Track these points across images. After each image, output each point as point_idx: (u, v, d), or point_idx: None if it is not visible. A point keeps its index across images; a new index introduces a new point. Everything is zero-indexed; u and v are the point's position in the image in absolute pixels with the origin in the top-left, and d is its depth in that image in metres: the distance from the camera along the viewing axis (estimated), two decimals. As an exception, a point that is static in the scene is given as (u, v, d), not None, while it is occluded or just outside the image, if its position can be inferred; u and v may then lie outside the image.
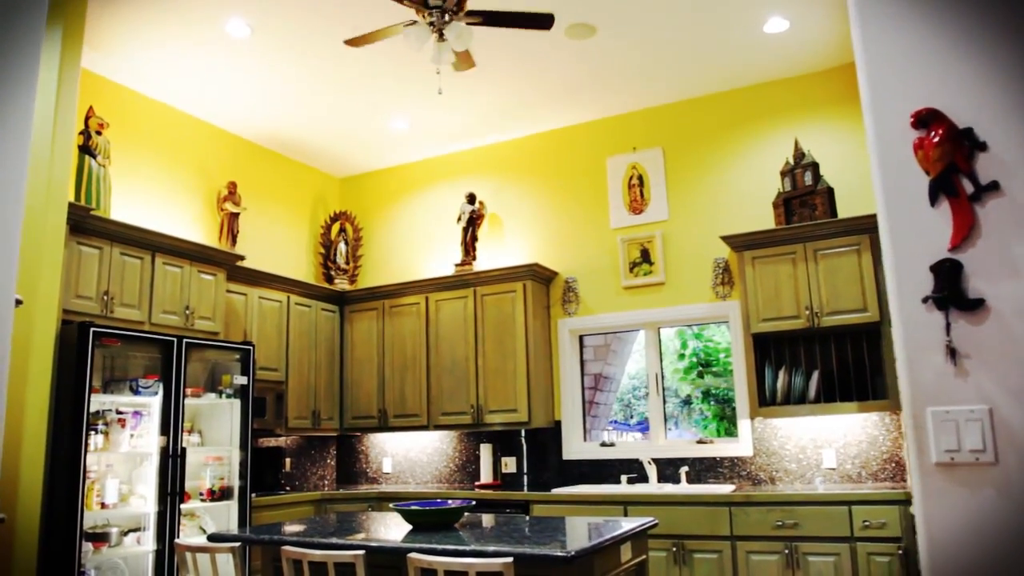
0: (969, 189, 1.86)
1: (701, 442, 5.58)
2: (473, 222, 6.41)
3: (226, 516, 5.20)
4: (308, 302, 6.40)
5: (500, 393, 5.86)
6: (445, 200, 6.83)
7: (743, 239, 5.19)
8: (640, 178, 5.99)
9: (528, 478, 6.08)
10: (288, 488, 6.25)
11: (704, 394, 7.45)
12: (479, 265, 6.38)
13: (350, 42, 4.22)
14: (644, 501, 4.94)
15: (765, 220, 5.42)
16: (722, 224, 5.58)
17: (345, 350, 6.67)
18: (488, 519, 3.80)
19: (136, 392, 4.66)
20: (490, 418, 5.88)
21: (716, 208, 5.70)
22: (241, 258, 5.65)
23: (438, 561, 2.62)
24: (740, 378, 5.42)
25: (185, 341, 4.89)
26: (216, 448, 5.28)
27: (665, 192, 5.89)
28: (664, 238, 5.83)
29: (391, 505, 3.63)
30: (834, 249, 4.94)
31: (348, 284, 6.93)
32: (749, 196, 5.58)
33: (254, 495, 5.38)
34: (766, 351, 5.18)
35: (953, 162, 1.87)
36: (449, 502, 3.62)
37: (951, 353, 1.83)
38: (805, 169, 5.22)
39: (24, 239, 4.00)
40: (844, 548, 4.39)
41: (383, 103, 5.88)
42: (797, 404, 4.95)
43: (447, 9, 3.87)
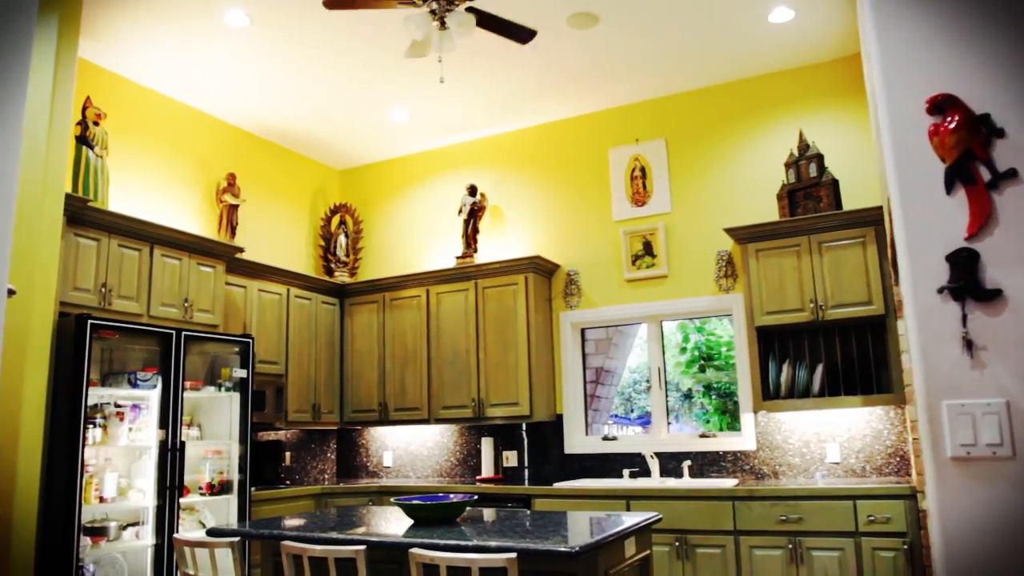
0: (986, 176, 1.82)
1: (704, 436, 5.54)
2: (474, 214, 6.36)
3: (225, 510, 5.16)
4: (308, 295, 6.35)
5: (501, 386, 5.82)
6: (446, 192, 6.78)
7: (747, 231, 5.14)
8: (643, 170, 5.94)
9: (529, 472, 6.05)
10: (288, 482, 6.22)
11: (706, 388, 7.42)
12: (480, 258, 6.33)
13: (328, 4, 4.03)
14: (646, 495, 4.90)
15: (769, 212, 5.37)
16: (725, 216, 5.53)
17: (345, 343, 6.63)
18: (490, 513, 3.76)
19: (135, 385, 4.62)
20: (491, 412, 5.84)
21: (719, 200, 5.65)
22: (240, 250, 5.60)
23: (440, 557, 2.58)
24: (743, 372, 5.37)
25: (184, 334, 4.85)
26: (215, 442, 5.24)
27: (668, 184, 5.84)
28: (667, 230, 5.79)
29: (392, 499, 3.59)
30: (839, 241, 4.89)
31: (348, 277, 6.89)
32: (753, 188, 5.53)
33: (254, 489, 5.35)
34: (770, 344, 5.13)
35: (970, 149, 1.83)
36: (451, 496, 3.58)
37: (967, 345, 1.78)
38: (810, 161, 5.17)
39: (20, 230, 3.97)
40: (849, 543, 4.35)
41: (383, 94, 5.82)
42: (801, 398, 4.91)
43: (449, -4, 3.81)
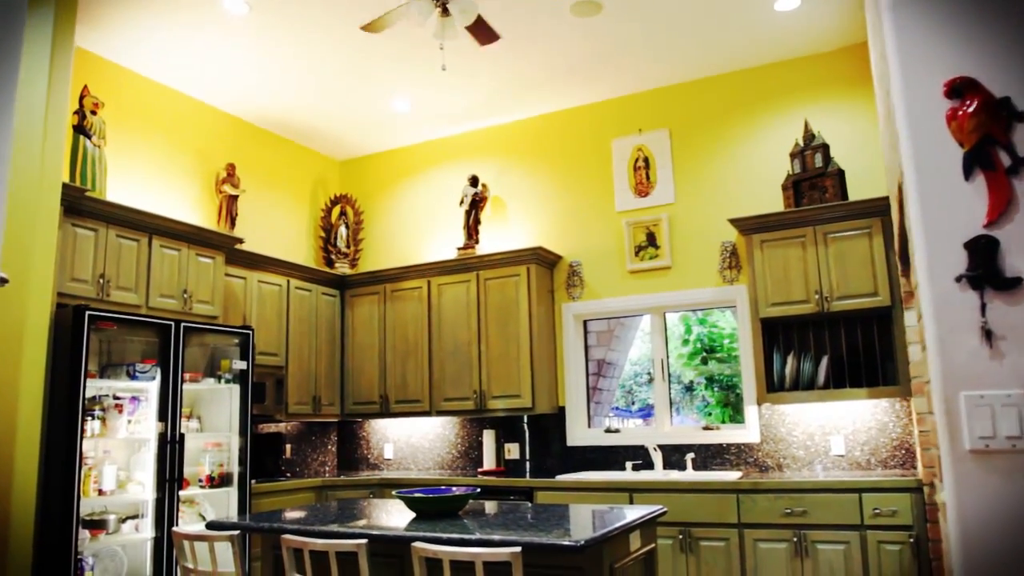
0: (1006, 162, 1.76)
1: (707, 428, 5.51)
2: (476, 205, 6.31)
3: (226, 503, 5.13)
4: (308, 286, 6.31)
5: (503, 378, 5.77)
6: (447, 183, 6.72)
7: (751, 222, 5.09)
8: (646, 160, 5.88)
9: (531, 464, 6.01)
10: (288, 474, 6.18)
11: (708, 380, 7.37)
12: (482, 249, 6.28)
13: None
14: (650, 488, 4.87)
15: (774, 203, 5.32)
16: (730, 207, 5.48)
17: (346, 335, 6.58)
18: (492, 506, 3.72)
19: (133, 377, 4.57)
20: (493, 404, 5.80)
21: (724, 191, 5.59)
22: (240, 241, 5.55)
23: (443, 551, 2.54)
24: (747, 364, 5.33)
25: (183, 325, 4.80)
26: (215, 434, 5.20)
27: (671, 174, 5.78)
28: (670, 221, 5.73)
29: (393, 492, 3.55)
30: (844, 232, 4.84)
31: (349, 268, 6.84)
32: (758, 178, 5.47)
33: (254, 482, 5.31)
34: (774, 336, 5.09)
35: (989, 133, 1.77)
36: (453, 489, 3.54)
37: (986, 335, 1.73)
38: (815, 151, 5.11)
39: (16, 220, 3.92)
40: (854, 536, 4.31)
41: (384, 84, 5.76)
42: (806, 390, 4.87)
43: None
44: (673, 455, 5.48)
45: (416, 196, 6.92)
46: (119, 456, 4.67)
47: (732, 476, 4.86)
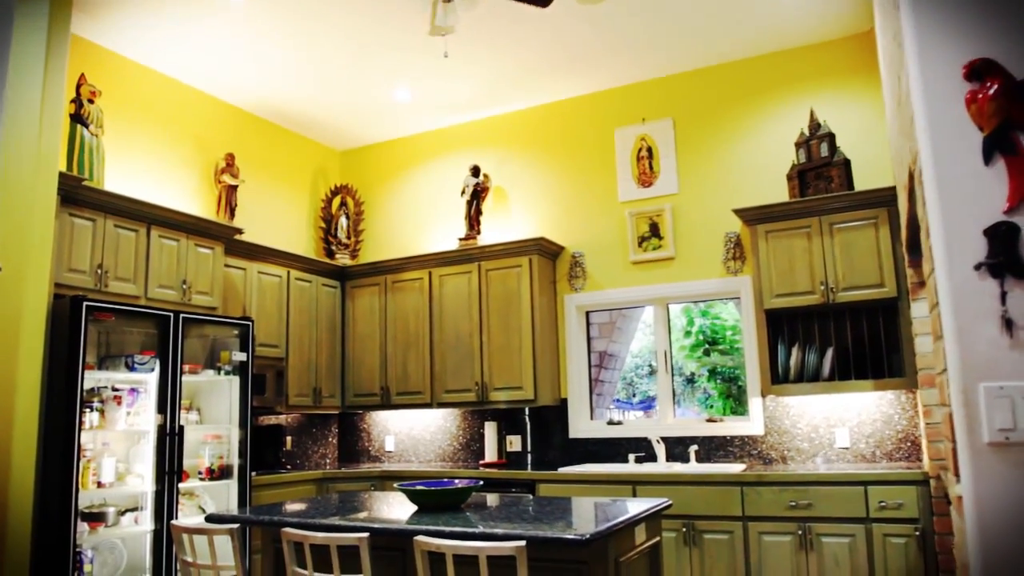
0: (1028, 146, 1.71)
1: (710, 420, 5.46)
2: (477, 195, 6.25)
3: (226, 495, 5.09)
4: (309, 277, 6.25)
5: (505, 370, 5.73)
6: (449, 173, 6.66)
7: (756, 212, 5.04)
8: (649, 150, 5.83)
9: (533, 457, 5.97)
10: (289, 467, 6.15)
11: (710, 372, 7.33)
12: (484, 239, 6.23)
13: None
14: (653, 481, 4.83)
15: (779, 193, 5.26)
16: (734, 197, 5.42)
17: (347, 326, 6.54)
18: (495, 499, 3.68)
19: (132, 368, 4.53)
20: (495, 396, 5.76)
21: (728, 181, 5.53)
22: (239, 231, 5.50)
23: (447, 544, 2.49)
24: (751, 355, 5.28)
25: (182, 316, 4.75)
26: (215, 426, 5.16)
27: (675, 164, 5.72)
28: (674, 212, 5.68)
29: (395, 485, 3.51)
30: (850, 223, 4.78)
31: (349, 259, 6.78)
32: (762, 168, 5.41)
33: (254, 474, 5.27)
34: (779, 327, 5.04)
35: (1010, 117, 1.72)
36: (455, 482, 3.50)
37: (1007, 324, 1.68)
38: (821, 140, 5.05)
39: (12, 209, 3.87)
40: (859, 529, 4.27)
41: (385, 72, 5.69)
42: (810, 382, 4.83)
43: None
44: (676, 447, 5.44)
45: (417, 186, 6.87)
46: (118, 448, 4.63)
47: (736, 468, 4.82)
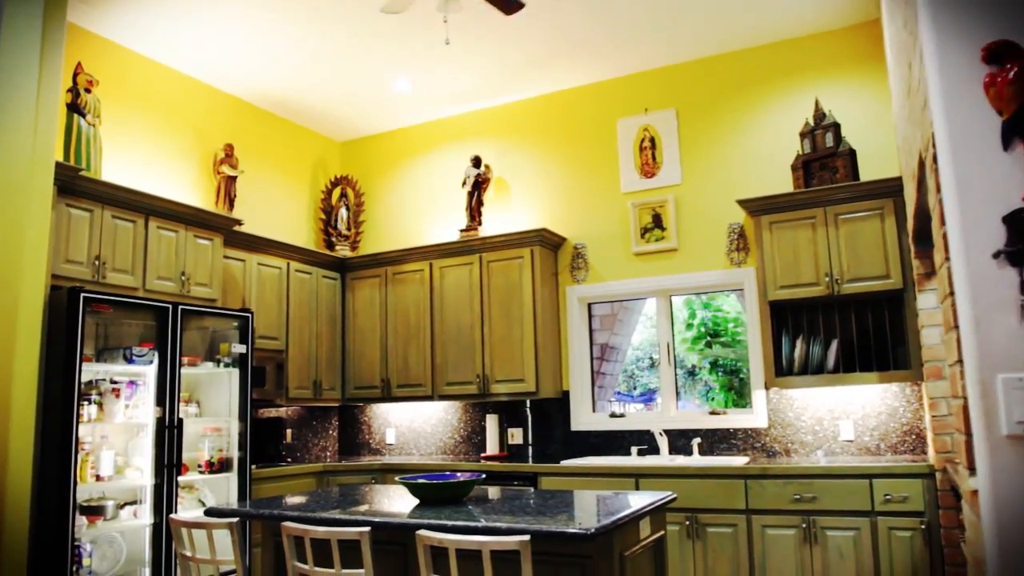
0: (1049, 131, 1.66)
1: (713, 413, 5.42)
2: (479, 186, 6.20)
3: (225, 488, 5.06)
4: (309, 269, 6.21)
5: (507, 362, 5.69)
6: (450, 164, 6.61)
7: (760, 203, 4.99)
8: (652, 140, 5.77)
9: (534, 449, 5.94)
10: (289, 460, 6.11)
11: (711, 365, 7.29)
12: (485, 231, 6.18)
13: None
14: (656, 474, 4.79)
15: (783, 184, 5.21)
16: (738, 188, 5.37)
17: (347, 318, 6.50)
18: (497, 493, 3.64)
19: (130, 361, 4.48)
20: (496, 388, 5.72)
21: (732, 171, 5.48)
22: (239, 223, 5.45)
23: (449, 539, 2.45)
24: (755, 347, 5.24)
25: (181, 308, 4.71)
26: (214, 419, 5.12)
27: (678, 155, 5.67)
28: (677, 203, 5.62)
29: (397, 478, 3.47)
30: (856, 213, 4.73)
31: (350, 251, 6.74)
32: (766, 159, 5.36)
33: (254, 467, 5.24)
34: (783, 319, 5.00)
35: (1030, 101, 1.67)
36: (458, 475, 3.46)
37: (1026, 314, 1.64)
38: (826, 130, 5.00)
39: (8, 199, 3.82)
40: (864, 522, 4.24)
41: (385, 62, 5.63)
42: (815, 374, 4.78)
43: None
44: (679, 440, 5.40)
45: (418, 177, 6.81)
46: (117, 441, 4.59)
47: (739, 461, 4.78)
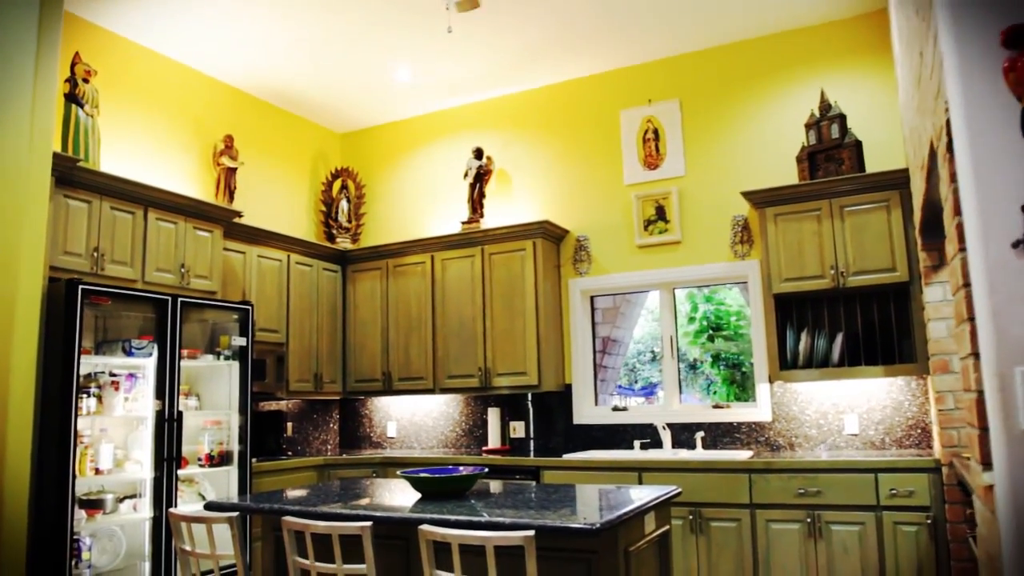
0: (1070, 117, 1.61)
1: (717, 407, 5.39)
2: (480, 178, 6.15)
3: (226, 482, 5.02)
4: (309, 261, 6.17)
5: (509, 355, 5.65)
6: (451, 155, 6.56)
7: (765, 195, 4.94)
8: (656, 132, 5.72)
9: (536, 443, 5.90)
10: (290, 453, 6.08)
11: (713, 358, 7.26)
12: (487, 223, 6.13)
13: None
14: (660, 467, 4.75)
15: (788, 175, 5.16)
16: (742, 180, 5.32)
17: (348, 311, 6.46)
18: (499, 487, 3.61)
19: (129, 353, 4.45)
20: (498, 381, 5.68)
21: (736, 163, 5.43)
22: (239, 214, 5.40)
23: (453, 534, 2.41)
24: (759, 340, 5.19)
25: (180, 300, 4.67)
26: (214, 412, 5.09)
27: (682, 146, 5.62)
28: (680, 195, 5.58)
29: (398, 472, 3.43)
30: (861, 206, 4.69)
31: (350, 243, 6.69)
32: (771, 150, 5.31)
33: (254, 460, 5.20)
34: (787, 312, 4.96)
35: (1050, 86, 1.62)
36: (460, 468, 3.43)
37: (1046, 305, 1.60)
38: (831, 121, 4.94)
39: (5, 190, 3.77)
40: (869, 517, 4.21)
41: (386, 53, 5.57)
42: (820, 368, 4.75)
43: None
44: (682, 434, 5.36)
45: (419, 169, 6.76)
46: (116, 434, 4.56)
47: (743, 455, 4.74)
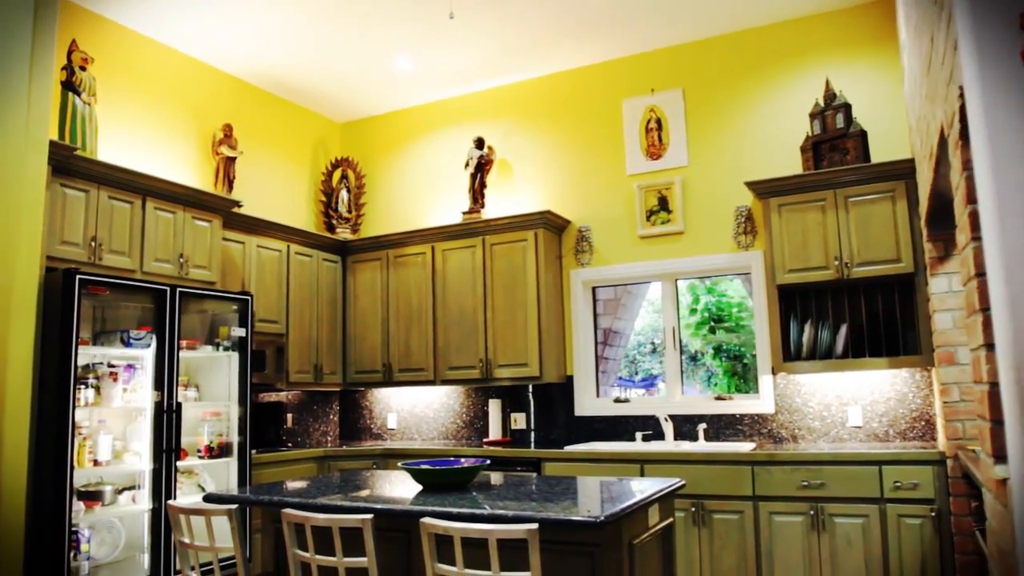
0: (1091, 101, 1.57)
1: (719, 399, 5.35)
2: (481, 168, 6.10)
3: (225, 473, 5.00)
4: (309, 251, 6.12)
5: (510, 347, 5.61)
6: (452, 145, 6.51)
7: (769, 185, 4.89)
8: (658, 121, 5.67)
9: (537, 435, 5.87)
10: (290, 444, 6.06)
11: (715, 350, 7.22)
12: (488, 213, 6.09)
13: None
14: (662, 459, 4.73)
15: (792, 165, 5.11)
16: (745, 170, 5.27)
17: (348, 302, 6.42)
18: (501, 479, 3.57)
19: (127, 344, 4.41)
20: (499, 372, 5.64)
21: (739, 153, 5.38)
22: (238, 204, 5.36)
23: (455, 527, 2.38)
24: (762, 332, 5.16)
25: (179, 291, 4.63)
26: (214, 403, 5.05)
27: (685, 136, 5.57)
28: (683, 185, 5.53)
29: (399, 464, 3.40)
30: (866, 196, 4.64)
31: (350, 233, 6.65)
32: (775, 140, 5.26)
33: (254, 452, 5.18)
34: (791, 304, 4.92)
35: (1071, 70, 1.58)
36: (461, 460, 3.39)
37: (1065, 295, 1.55)
38: (836, 111, 4.89)
39: (1, 179, 3.73)
40: (873, 509, 4.18)
41: (386, 42, 5.51)
42: (823, 359, 4.71)
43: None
44: (684, 425, 5.33)
45: (420, 159, 6.71)
46: (115, 426, 4.52)
47: (746, 447, 4.71)
